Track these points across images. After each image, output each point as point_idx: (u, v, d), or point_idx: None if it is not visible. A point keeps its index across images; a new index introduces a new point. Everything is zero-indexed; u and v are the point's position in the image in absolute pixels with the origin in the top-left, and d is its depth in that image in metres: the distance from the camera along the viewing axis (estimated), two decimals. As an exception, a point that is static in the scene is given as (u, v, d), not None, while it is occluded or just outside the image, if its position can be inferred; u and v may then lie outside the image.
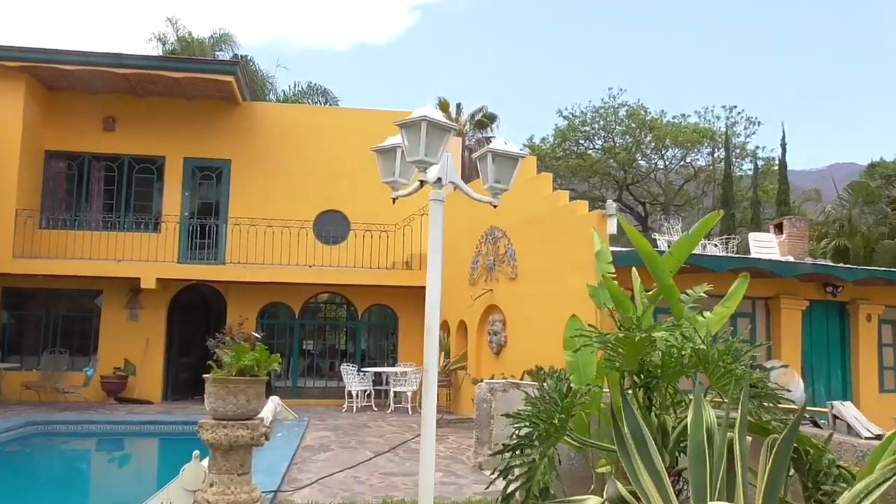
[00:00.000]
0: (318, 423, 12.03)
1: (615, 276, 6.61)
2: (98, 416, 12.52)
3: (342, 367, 14.54)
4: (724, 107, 41.31)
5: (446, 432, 11.14)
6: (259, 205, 15.89)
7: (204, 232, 15.66)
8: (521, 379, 10.19)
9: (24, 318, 15.43)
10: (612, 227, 9.78)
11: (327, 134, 16.97)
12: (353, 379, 14.25)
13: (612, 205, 9.82)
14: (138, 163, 16.18)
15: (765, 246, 15.21)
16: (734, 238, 19.19)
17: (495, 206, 4.65)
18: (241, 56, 25.25)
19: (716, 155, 38.18)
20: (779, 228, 17.65)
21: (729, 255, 13.98)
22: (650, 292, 5.48)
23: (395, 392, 14.00)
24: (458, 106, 36.02)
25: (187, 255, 15.71)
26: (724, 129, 36.00)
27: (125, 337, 15.13)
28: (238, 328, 15.41)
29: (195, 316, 16.84)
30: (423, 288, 13.93)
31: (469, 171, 22.66)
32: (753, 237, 16.08)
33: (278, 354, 6.11)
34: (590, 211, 10.36)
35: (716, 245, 16.30)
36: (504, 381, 8.88)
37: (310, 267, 15.02)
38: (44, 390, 13.96)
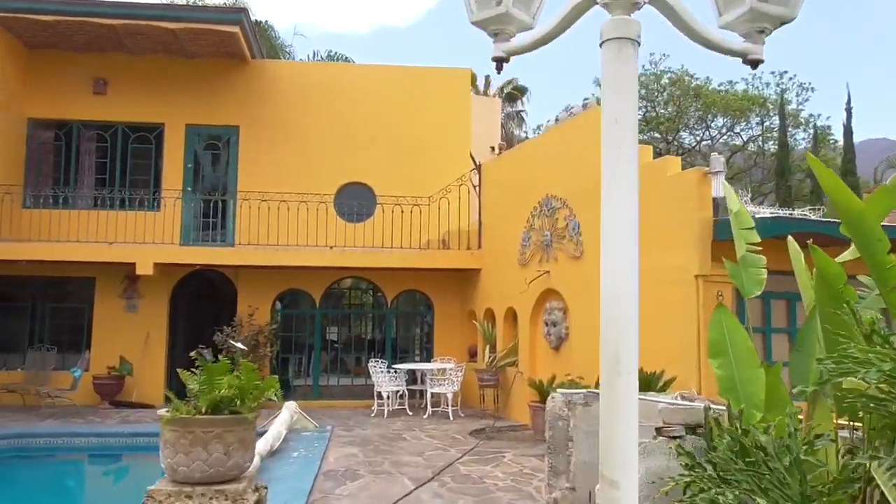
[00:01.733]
0: (343, 435, 10.06)
1: (759, 247, 4.53)
2: (84, 426, 10.69)
3: (370, 363, 12.54)
4: (773, 72, 38.59)
5: (500, 447, 9.11)
6: (272, 178, 13.90)
7: (210, 209, 13.72)
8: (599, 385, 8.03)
9: (6, 310, 13.64)
10: (717, 188, 7.58)
11: (349, 95, 14.91)
12: (384, 378, 12.26)
13: (718, 160, 7.61)
14: (134, 131, 14.28)
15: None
16: (820, 209, 16.83)
17: (755, 64, 2.36)
18: (257, 21, 23.21)
19: (766, 124, 35.55)
20: (874, 196, 15.28)
21: None
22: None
23: (432, 393, 11.97)
24: (487, 78, 33.80)
25: (191, 236, 13.79)
26: (774, 96, 33.42)
27: (121, 331, 13.31)
28: (249, 319, 13.51)
29: (202, 306, 14.96)
30: (463, 271, 11.65)
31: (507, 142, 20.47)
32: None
33: (276, 377, 4.06)
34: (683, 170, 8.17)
35: (805, 214, 13.99)
36: (585, 391, 6.77)
37: (331, 248, 13.01)
38: (28, 393, 12.16)
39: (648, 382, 7.27)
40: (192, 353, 4.54)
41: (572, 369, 9.71)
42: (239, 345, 5.50)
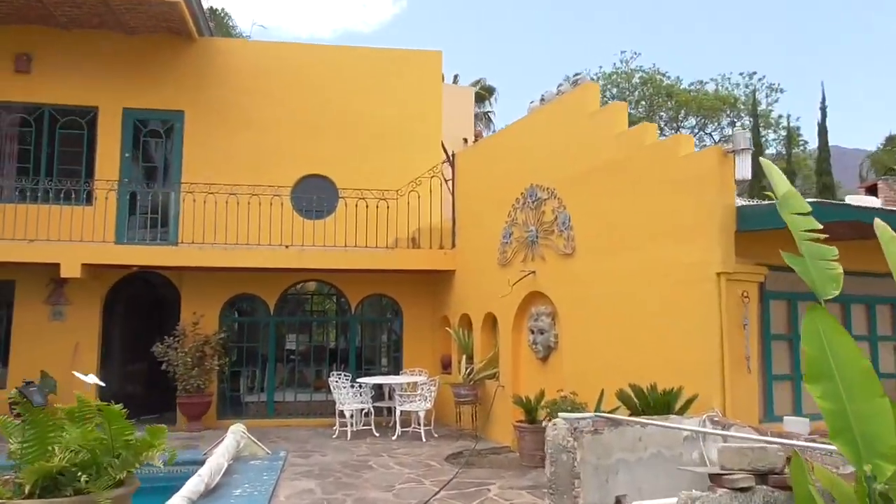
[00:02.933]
0: (298, 463, 8.68)
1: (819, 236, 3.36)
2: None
3: (331, 378, 11.15)
4: (741, 73, 38.29)
5: (483, 477, 7.82)
6: (221, 169, 12.47)
7: (150, 204, 12.19)
8: (603, 403, 6.86)
9: None
10: (744, 169, 6.43)
11: (309, 78, 13.54)
12: (346, 393, 10.88)
13: (744, 136, 6.45)
14: (63, 114, 12.71)
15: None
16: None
17: None
18: (212, 8, 21.70)
19: (738, 124, 35.13)
20: (872, 191, 14.48)
21: None
22: None
23: (402, 411, 10.63)
24: (455, 77, 32.72)
25: (127, 233, 12.25)
26: (744, 97, 33.06)
27: (45, 342, 11.73)
28: (193, 329, 12.02)
29: (143, 313, 13.38)
30: (435, 272, 10.15)
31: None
32: (850, 199, 12.77)
33: (163, 428, 2.77)
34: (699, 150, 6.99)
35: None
36: (593, 415, 5.54)
37: (286, 247, 11.61)
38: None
39: (666, 402, 6.06)
40: (12, 393, 3.14)
41: (563, 383, 8.50)
42: (90, 379, 4.18)
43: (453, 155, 12.29)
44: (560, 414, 5.55)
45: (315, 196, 12.50)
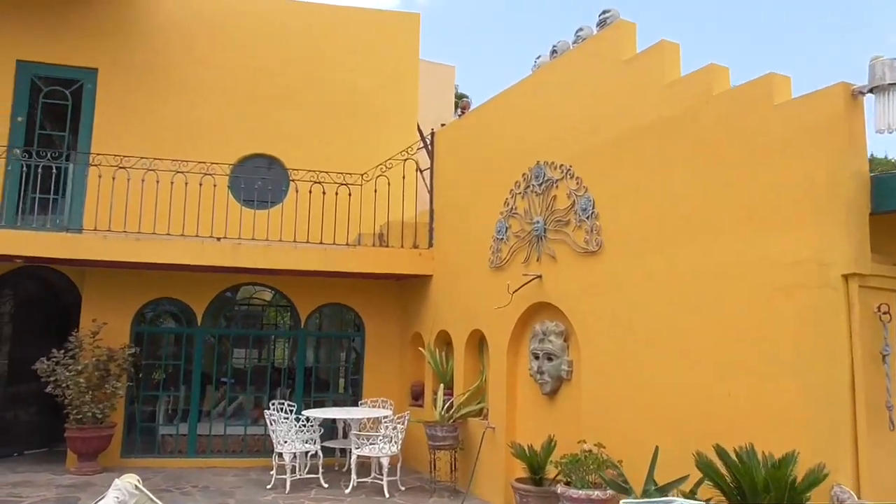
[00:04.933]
0: (206, 536, 6.25)
1: None
2: None
3: (267, 410, 8.75)
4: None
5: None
6: (141, 144, 10.08)
7: (49, 180, 9.70)
8: (656, 469, 4.61)
9: None
10: (892, 116, 4.28)
11: (256, 37, 11.24)
12: (287, 430, 8.48)
13: (889, 65, 4.31)
14: (-62, 66, 10.17)
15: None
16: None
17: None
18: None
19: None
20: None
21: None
22: None
23: (359, 456, 8.26)
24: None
25: (18, 217, 9.74)
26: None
27: None
28: (91, 340, 9.52)
29: (38, 321, 10.81)
30: (407, 277, 6.98)
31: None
32: None
33: None
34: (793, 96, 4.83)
35: None
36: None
37: (218, 240, 9.21)
38: None
39: (778, 479, 3.80)
40: None
41: (580, 429, 6.28)
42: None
43: (432, 135, 10.04)
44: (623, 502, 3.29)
45: (259, 179, 10.12)
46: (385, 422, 8.35)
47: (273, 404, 9.38)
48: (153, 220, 9.14)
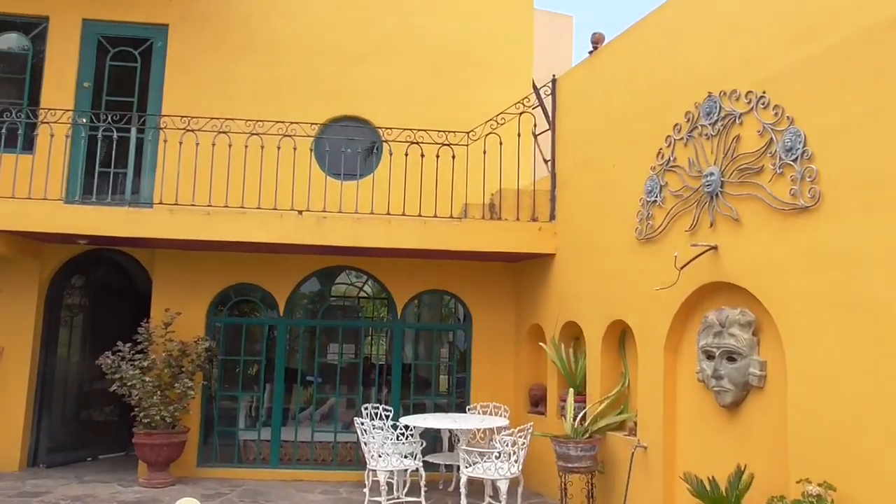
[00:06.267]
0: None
1: None
2: None
3: (358, 418, 7.29)
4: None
5: None
6: (214, 105, 8.80)
7: (116, 150, 8.63)
8: None
9: None
10: None
11: (343, -18, 9.78)
12: (383, 442, 6.99)
13: None
14: (-1, 27, 9.30)
15: None
16: None
17: None
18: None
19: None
20: None
21: None
22: None
23: (468, 477, 6.66)
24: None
25: (80, 190, 8.73)
26: None
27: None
28: (164, 332, 8.35)
29: (112, 311, 9.82)
30: (524, 257, 5.74)
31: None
32: None
33: None
34: None
35: None
36: None
37: (300, 213, 7.83)
38: None
39: None
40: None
41: (785, 458, 4.40)
42: None
43: (553, 83, 8.28)
44: None
45: (348, 144, 8.66)
46: (503, 436, 6.68)
47: (366, 409, 7.95)
48: (225, 191, 7.85)
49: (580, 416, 6.66)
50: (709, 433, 5.46)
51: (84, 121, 8.66)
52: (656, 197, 6.12)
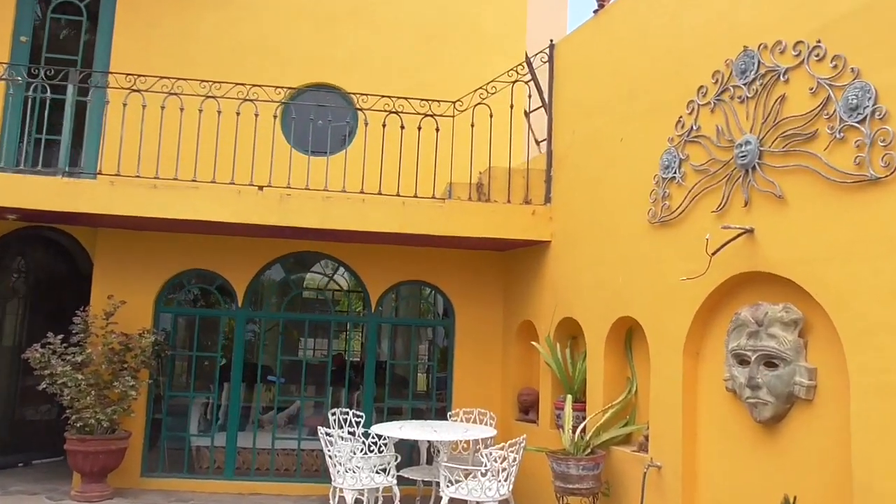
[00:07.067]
0: None
1: None
2: None
3: (322, 427, 6.33)
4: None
5: None
6: (169, 68, 7.71)
7: (56, 112, 7.56)
8: None
9: None
10: None
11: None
12: (348, 453, 6.05)
13: None
14: (-78, -27, 8.20)
15: None
16: None
17: None
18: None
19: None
20: None
21: None
22: None
23: (450, 497, 5.74)
24: None
25: (17, 157, 7.69)
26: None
27: None
28: (104, 323, 7.32)
29: (56, 295, 8.78)
30: (515, 244, 5.23)
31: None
32: None
33: None
34: None
35: None
36: None
37: (260, 189, 6.85)
38: None
39: None
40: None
41: (848, 488, 3.50)
42: None
43: (550, 48, 7.36)
44: None
45: (317, 115, 7.67)
46: (491, 450, 5.75)
47: (333, 414, 7.01)
48: (175, 163, 6.85)
49: (580, 427, 5.77)
50: (740, 453, 4.58)
51: (20, 79, 7.60)
52: (675, 173, 5.23)
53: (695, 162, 5.05)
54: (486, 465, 5.67)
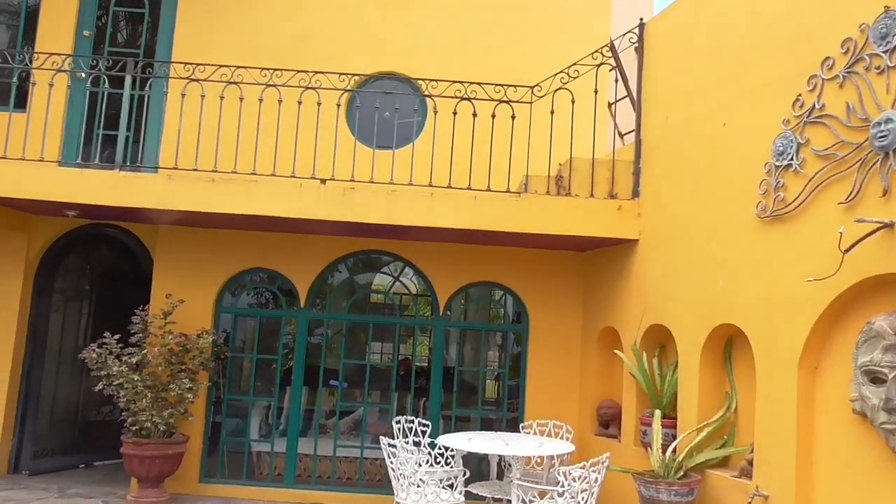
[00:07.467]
0: None
1: None
2: None
3: (385, 437, 5.87)
4: None
5: None
6: (230, 56, 7.39)
7: (117, 107, 7.36)
8: None
9: None
10: None
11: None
12: (413, 466, 5.58)
13: None
14: (-11, -33, 8.19)
15: None
16: None
17: None
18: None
19: None
20: None
21: None
22: None
23: (526, 521, 5.19)
24: None
25: (78, 152, 7.53)
26: None
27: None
28: (163, 322, 7.04)
29: (116, 293, 8.62)
30: (597, 243, 4.62)
31: None
32: None
33: None
34: None
35: None
36: None
37: (323, 182, 6.44)
38: None
39: None
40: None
41: None
42: None
43: (640, 28, 6.72)
44: None
45: (387, 110, 7.23)
46: (571, 469, 5.17)
47: (398, 423, 6.55)
48: (233, 155, 6.52)
49: (671, 447, 5.13)
50: (870, 487, 3.88)
51: (82, 73, 7.44)
52: (791, 160, 4.54)
53: (817, 146, 4.35)
54: (563, 485, 5.09)
